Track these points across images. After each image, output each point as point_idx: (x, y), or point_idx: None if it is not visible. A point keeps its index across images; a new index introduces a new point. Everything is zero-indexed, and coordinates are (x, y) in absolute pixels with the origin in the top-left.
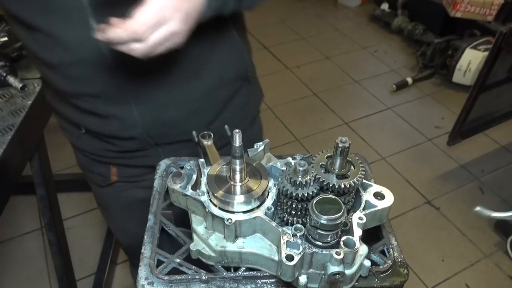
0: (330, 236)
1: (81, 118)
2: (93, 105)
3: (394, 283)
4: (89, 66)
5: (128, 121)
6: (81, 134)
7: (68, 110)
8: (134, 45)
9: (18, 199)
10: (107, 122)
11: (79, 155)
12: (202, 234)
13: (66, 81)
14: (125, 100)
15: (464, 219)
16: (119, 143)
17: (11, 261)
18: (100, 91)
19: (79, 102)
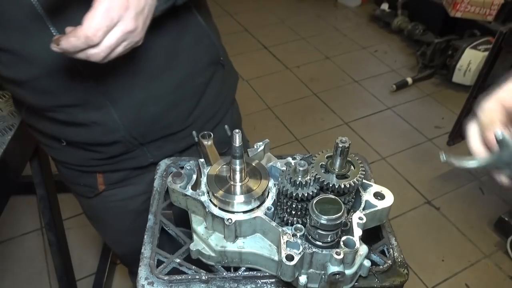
0: (330, 236)
1: (61, 130)
2: (71, 115)
3: (394, 283)
4: (59, 77)
5: (109, 125)
6: (63, 147)
7: (45, 125)
8: (90, 51)
9: (18, 199)
10: (89, 130)
11: (62, 169)
12: (202, 234)
13: (38, 96)
14: (103, 105)
15: (464, 219)
16: (104, 149)
17: (11, 261)
18: (75, 101)
19: (56, 114)
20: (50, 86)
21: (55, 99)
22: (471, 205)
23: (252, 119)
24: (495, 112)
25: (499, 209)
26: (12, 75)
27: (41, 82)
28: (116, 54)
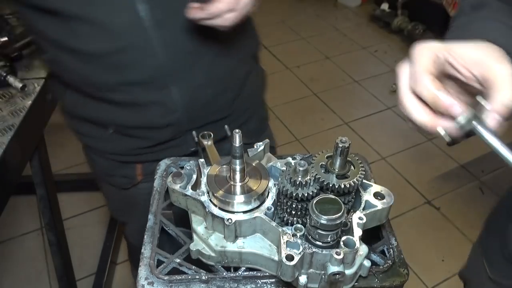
0: (330, 236)
1: (114, 114)
2: (133, 94)
3: (394, 283)
4: (132, 52)
5: (168, 105)
6: (108, 135)
7: (95, 109)
8: (228, 15)
9: (18, 199)
10: (146, 111)
11: (101, 161)
12: (202, 234)
13: (105, 72)
14: (166, 84)
15: (464, 219)
16: (153, 134)
17: (11, 261)
18: (141, 78)
19: (115, 94)
20: (123, 61)
21: (123, 75)
22: (471, 205)
23: None
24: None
25: None
26: (88, 48)
27: (115, 56)
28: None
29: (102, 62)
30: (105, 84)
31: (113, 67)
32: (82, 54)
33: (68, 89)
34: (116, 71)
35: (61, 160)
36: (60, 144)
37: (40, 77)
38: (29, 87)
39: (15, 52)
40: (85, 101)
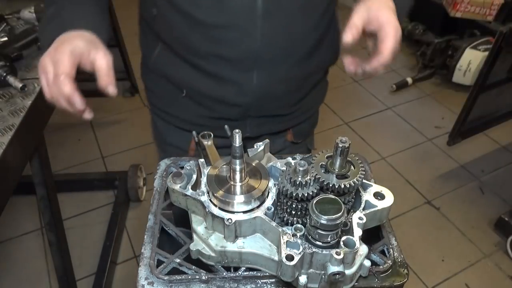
0: (330, 236)
1: (195, 79)
2: (220, 68)
3: (394, 283)
4: (237, 32)
5: (244, 87)
6: (179, 98)
7: (180, 71)
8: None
9: (18, 199)
10: (224, 86)
11: (160, 124)
12: (202, 234)
13: (205, 40)
14: (252, 68)
15: (464, 219)
16: (220, 108)
17: (11, 261)
18: (234, 56)
19: (204, 62)
20: (225, 37)
21: (219, 48)
22: (471, 205)
23: None
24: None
25: (499, 209)
26: (200, 15)
27: (221, 30)
28: None
29: (206, 32)
30: (200, 51)
31: (214, 39)
32: (193, 19)
33: (159, 45)
34: (215, 43)
35: (61, 160)
36: (60, 144)
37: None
38: (29, 87)
39: (15, 52)
40: (172, 60)
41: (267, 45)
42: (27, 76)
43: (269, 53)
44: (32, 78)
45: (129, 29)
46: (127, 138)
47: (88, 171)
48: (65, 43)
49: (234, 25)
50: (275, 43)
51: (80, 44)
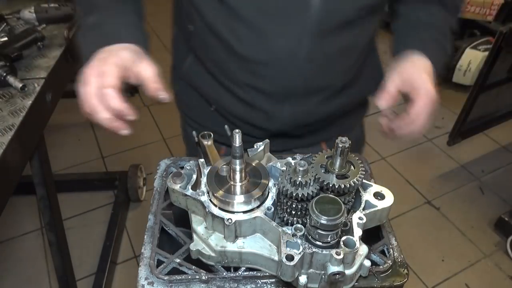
0: (330, 236)
1: (225, 99)
2: (252, 96)
3: (394, 283)
4: (279, 70)
5: (274, 116)
6: (208, 110)
7: (210, 87)
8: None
9: (18, 199)
10: (254, 112)
11: (189, 129)
12: (202, 234)
13: (242, 70)
14: (284, 100)
15: (464, 219)
16: (248, 128)
17: (11, 261)
18: (270, 89)
19: (237, 89)
20: (262, 72)
21: (254, 81)
22: (471, 205)
23: None
24: None
25: (499, 209)
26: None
27: (259, 66)
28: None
29: (245, 65)
30: (235, 78)
31: (252, 72)
32: (231, 50)
33: (191, 56)
34: (252, 75)
35: (61, 160)
36: (60, 144)
37: (40, 77)
38: (29, 87)
39: (15, 52)
40: (203, 75)
41: (303, 83)
42: (27, 76)
43: (303, 89)
44: (32, 78)
45: None
46: (127, 138)
47: (88, 171)
48: (111, 55)
49: (275, 64)
50: (311, 82)
51: (126, 56)
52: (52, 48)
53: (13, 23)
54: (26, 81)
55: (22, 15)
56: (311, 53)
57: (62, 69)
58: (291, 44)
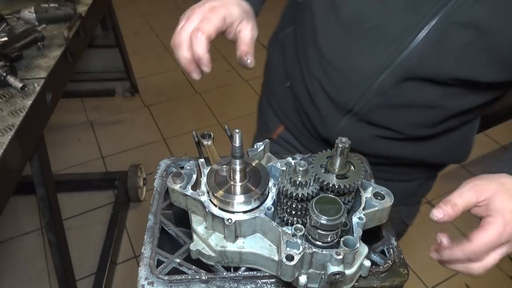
0: (330, 236)
1: (297, 81)
2: (317, 94)
3: (394, 283)
4: (345, 84)
5: (328, 124)
6: (284, 85)
7: (293, 62)
8: (471, 265)
9: (18, 199)
10: (314, 110)
11: (264, 98)
12: (202, 234)
13: (318, 65)
14: (341, 113)
15: (464, 219)
16: (307, 124)
17: (11, 261)
18: (333, 96)
19: (307, 76)
20: (336, 78)
21: (324, 81)
22: None
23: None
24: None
25: None
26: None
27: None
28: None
29: (321, 57)
30: (309, 65)
31: (324, 69)
32: (315, 37)
33: (291, 27)
34: (323, 72)
35: (61, 160)
36: (60, 144)
37: (40, 77)
38: (29, 87)
39: (15, 52)
40: (292, 48)
41: (366, 111)
42: (27, 76)
43: (363, 117)
44: (32, 78)
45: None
46: (127, 138)
47: (88, 171)
48: (223, 6)
49: (346, 76)
50: (374, 115)
51: (235, 12)
52: (52, 48)
53: (13, 23)
54: (26, 81)
55: (22, 15)
56: (384, 87)
57: (62, 69)
58: (370, 68)
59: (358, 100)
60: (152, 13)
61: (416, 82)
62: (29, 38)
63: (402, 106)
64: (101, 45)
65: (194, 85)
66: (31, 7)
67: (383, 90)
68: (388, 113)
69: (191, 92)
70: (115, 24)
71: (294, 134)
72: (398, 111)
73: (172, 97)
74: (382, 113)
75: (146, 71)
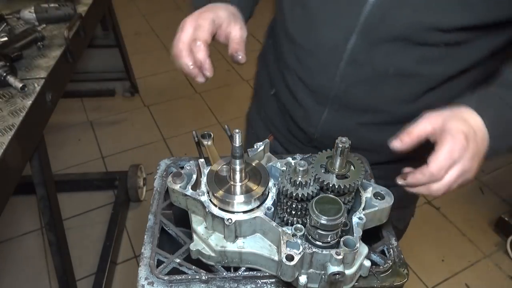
0: (330, 236)
1: (280, 84)
2: (298, 88)
3: (394, 283)
4: (319, 62)
5: (312, 119)
6: (269, 94)
7: (274, 67)
8: (432, 186)
9: (18, 199)
10: (297, 107)
11: (254, 109)
12: (202, 234)
13: (293, 56)
14: (324, 103)
15: (464, 219)
16: (292, 126)
17: (11, 261)
18: (312, 85)
19: (289, 76)
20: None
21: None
22: (471, 205)
23: None
24: None
25: (499, 209)
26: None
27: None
28: (452, 189)
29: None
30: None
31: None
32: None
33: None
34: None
35: (61, 160)
36: (60, 144)
37: (40, 77)
38: (29, 87)
39: (15, 52)
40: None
41: (343, 92)
42: (27, 76)
43: (343, 100)
44: (32, 78)
45: (129, 29)
46: (127, 138)
47: (88, 171)
48: (210, 11)
49: (315, 55)
50: (354, 94)
51: (222, 15)
52: (52, 48)
53: (13, 23)
54: (26, 81)
55: (22, 15)
56: (355, 59)
57: (62, 69)
58: (337, 36)
59: (333, 78)
60: (152, 13)
61: (386, 46)
62: (29, 38)
63: (378, 77)
64: (101, 45)
65: (194, 85)
66: (31, 7)
67: (355, 58)
68: (365, 90)
69: (191, 92)
70: (115, 24)
71: (281, 141)
72: (375, 86)
73: (172, 97)
74: (360, 91)
75: (146, 71)
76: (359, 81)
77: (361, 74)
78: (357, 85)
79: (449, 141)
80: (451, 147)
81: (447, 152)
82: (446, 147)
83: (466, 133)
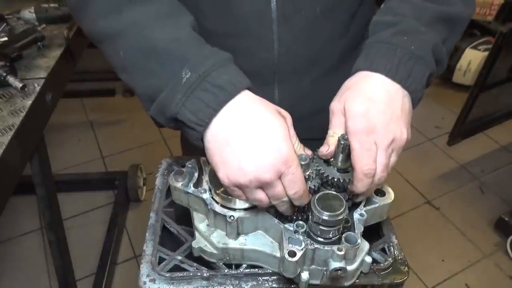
0: (332, 232)
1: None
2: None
3: (394, 280)
4: (250, 40)
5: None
6: None
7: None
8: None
9: (18, 199)
10: None
11: None
12: (204, 232)
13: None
14: (271, 81)
15: (464, 219)
16: None
17: (11, 261)
18: (253, 68)
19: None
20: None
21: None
22: (471, 205)
23: None
24: None
25: (499, 209)
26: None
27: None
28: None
29: (219, 41)
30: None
31: (229, 49)
32: (203, 28)
33: None
34: (230, 52)
35: (61, 160)
36: (60, 144)
37: (40, 77)
38: (29, 87)
39: (15, 52)
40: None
41: (286, 54)
42: (27, 76)
43: (289, 63)
44: (32, 78)
45: None
46: (127, 138)
47: (88, 171)
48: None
49: (246, 34)
50: (295, 51)
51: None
52: (52, 48)
53: (13, 23)
54: (26, 81)
55: (22, 15)
56: (284, 13)
57: (62, 69)
58: (257, 3)
59: (272, 46)
60: None
61: None
62: (29, 38)
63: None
64: None
65: None
66: (31, 7)
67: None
68: (304, 42)
69: None
70: None
71: None
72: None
73: None
74: (299, 46)
75: None
76: (296, 35)
77: (294, 27)
78: (296, 41)
79: (357, 148)
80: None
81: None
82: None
83: (364, 112)
